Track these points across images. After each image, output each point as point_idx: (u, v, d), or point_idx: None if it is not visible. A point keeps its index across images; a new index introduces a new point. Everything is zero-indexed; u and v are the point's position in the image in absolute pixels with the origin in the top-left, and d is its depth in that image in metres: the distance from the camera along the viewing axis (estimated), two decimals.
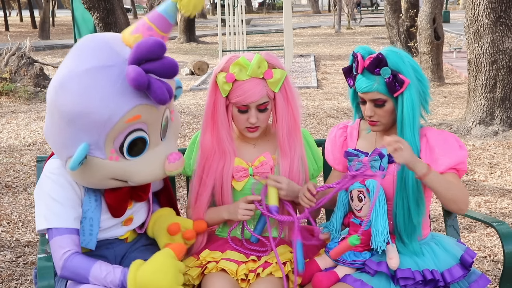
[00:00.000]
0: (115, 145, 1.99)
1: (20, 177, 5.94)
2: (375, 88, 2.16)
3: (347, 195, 2.24)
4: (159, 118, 2.06)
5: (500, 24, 6.92)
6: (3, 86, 10.31)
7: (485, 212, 4.72)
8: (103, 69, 1.94)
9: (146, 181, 2.10)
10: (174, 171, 2.09)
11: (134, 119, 1.96)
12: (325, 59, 16.27)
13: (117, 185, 2.10)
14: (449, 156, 2.16)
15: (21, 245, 4.30)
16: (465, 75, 10.21)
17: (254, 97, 2.24)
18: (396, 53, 2.17)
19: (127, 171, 2.04)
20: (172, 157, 2.08)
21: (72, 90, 1.93)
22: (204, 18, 39.24)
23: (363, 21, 32.09)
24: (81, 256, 2.07)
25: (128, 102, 1.93)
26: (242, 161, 2.35)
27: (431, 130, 2.23)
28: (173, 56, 17.81)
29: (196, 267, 2.27)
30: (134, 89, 1.90)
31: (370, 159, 2.22)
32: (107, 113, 1.91)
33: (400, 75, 2.13)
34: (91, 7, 6.76)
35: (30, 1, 32.39)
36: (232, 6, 12.66)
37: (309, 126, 8.01)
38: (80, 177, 2.07)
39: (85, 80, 1.93)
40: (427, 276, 2.11)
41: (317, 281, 2.16)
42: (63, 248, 2.06)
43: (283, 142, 2.32)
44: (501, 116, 7.08)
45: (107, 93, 1.91)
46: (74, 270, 2.04)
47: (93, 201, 2.15)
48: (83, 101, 1.92)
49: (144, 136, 2.02)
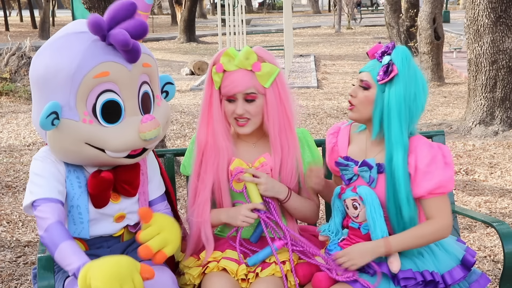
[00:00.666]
0: (87, 107, 2.02)
1: (20, 177, 5.94)
2: (369, 69, 2.17)
3: (341, 202, 2.24)
4: (133, 83, 2.07)
5: (500, 24, 6.92)
6: (3, 86, 10.32)
7: (485, 212, 4.72)
8: (75, 34, 2.07)
9: (122, 147, 2.07)
10: (148, 131, 2.05)
11: (102, 75, 1.99)
12: (325, 59, 16.26)
13: (94, 155, 2.07)
14: (430, 178, 2.11)
15: (21, 245, 4.30)
16: (465, 75, 10.21)
17: (240, 87, 2.23)
18: (405, 52, 2.15)
19: (101, 136, 2.04)
20: (144, 118, 2.07)
21: (45, 55, 2.06)
22: (204, 18, 39.24)
23: (363, 21, 32.07)
24: (61, 228, 2.01)
25: (96, 58, 2.00)
26: (242, 161, 2.33)
27: (421, 145, 2.15)
28: (173, 56, 17.88)
29: (196, 267, 2.26)
30: (92, 33, 1.99)
31: (360, 170, 2.21)
32: (74, 68, 1.98)
33: (394, 66, 2.11)
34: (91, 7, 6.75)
35: (30, 1, 32.39)
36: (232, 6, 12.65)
37: (309, 126, 8.02)
38: (56, 142, 2.07)
39: (58, 44, 2.07)
40: (427, 277, 2.11)
41: (317, 281, 2.17)
42: (49, 213, 2.03)
43: (274, 139, 2.30)
44: (501, 116, 7.09)
45: (76, 51, 2.00)
46: (50, 240, 2.00)
47: (77, 187, 2.14)
48: (54, 61, 2.01)
49: (116, 99, 2.04)
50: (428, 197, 2.13)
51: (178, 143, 7.08)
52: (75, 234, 2.15)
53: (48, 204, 2.05)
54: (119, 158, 2.10)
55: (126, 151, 2.09)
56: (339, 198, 2.24)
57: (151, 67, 2.15)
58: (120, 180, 2.17)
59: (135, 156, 2.14)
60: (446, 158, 2.15)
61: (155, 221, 2.09)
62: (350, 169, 2.24)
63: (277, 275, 2.22)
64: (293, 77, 12.76)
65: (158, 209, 2.37)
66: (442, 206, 2.15)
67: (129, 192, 2.21)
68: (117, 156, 2.09)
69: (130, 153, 2.11)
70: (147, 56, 2.13)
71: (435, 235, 2.16)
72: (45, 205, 2.05)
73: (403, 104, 2.11)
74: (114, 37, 1.97)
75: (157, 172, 2.38)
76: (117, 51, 2.02)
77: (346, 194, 2.20)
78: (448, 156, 2.16)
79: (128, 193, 2.21)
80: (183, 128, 7.79)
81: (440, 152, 2.15)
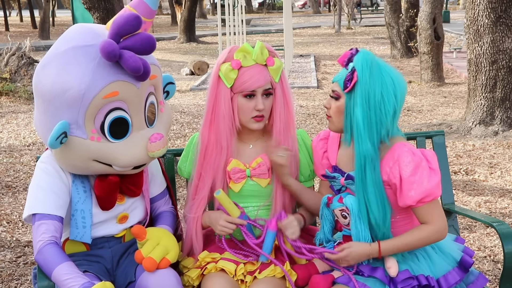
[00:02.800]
0: (95, 125, 2.01)
1: (20, 177, 5.94)
2: (338, 79, 2.15)
3: (330, 211, 2.23)
4: (140, 99, 2.07)
5: (500, 24, 6.92)
6: (3, 86, 10.31)
7: (485, 212, 4.72)
8: (82, 48, 2.00)
9: (130, 164, 2.08)
10: (156, 151, 2.08)
11: (111, 95, 1.98)
12: (325, 59, 16.27)
13: (101, 170, 2.09)
14: (416, 187, 2.07)
15: (21, 245, 4.30)
16: (465, 75, 10.21)
17: (261, 82, 2.24)
18: (367, 55, 2.09)
19: (109, 153, 2.04)
20: (153, 137, 2.08)
21: (52, 70, 2.00)
22: (204, 18, 39.23)
23: (363, 21, 32.07)
24: (57, 248, 2.03)
25: (105, 78, 1.96)
26: (239, 162, 2.33)
27: (404, 154, 2.08)
28: (173, 56, 17.87)
29: (195, 268, 2.26)
30: (106, 59, 1.94)
31: (346, 182, 2.20)
32: (83, 88, 1.94)
33: (355, 72, 2.07)
34: (91, 7, 6.75)
35: (30, 1, 32.38)
36: (232, 6, 12.64)
37: (309, 126, 8.01)
38: (63, 158, 2.07)
39: (65, 58, 2.00)
40: (421, 282, 2.11)
41: (314, 283, 2.17)
42: (43, 232, 2.05)
43: (279, 134, 2.31)
44: (501, 116, 7.08)
45: (84, 69, 1.96)
46: (45, 259, 2.02)
47: (82, 192, 2.14)
48: (62, 78, 1.97)
49: (124, 116, 2.03)
50: (417, 205, 2.11)
51: (178, 143, 7.08)
52: (77, 238, 2.15)
53: (44, 222, 2.06)
54: (125, 171, 2.13)
55: (133, 166, 2.12)
56: (327, 207, 2.23)
57: (157, 78, 2.14)
58: (125, 181, 2.18)
59: (140, 167, 2.16)
60: (431, 164, 2.11)
61: (151, 235, 2.12)
62: (338, 181, 2.24)
63: (277, 276, 2.22)
64: (293, 77, 12.76)
65: (159, 205, 2.40)
66: (433, 211, 2.12)
67: (134, 193, 2.23)
68: (123, 170, 2.11)
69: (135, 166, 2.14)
70: (154, 67, 2.11)
71: (429, 239, 2.15)
72: (42, 222, 2.06)
73: (367, 110, 2.06)
74: (125, 64, 1.94)
75: (159, 170, 2.40)
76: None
77: (333, 204, 2.20)
78: (432, 161, 2.11)
79: (133, 194, 2.23)
80: (183, 128, 7.79)
81: (424, 158, 2.10)
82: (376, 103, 2.06)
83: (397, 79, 2.10)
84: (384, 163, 2.11)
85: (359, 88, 2.06)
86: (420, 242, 2.14)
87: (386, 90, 2.07)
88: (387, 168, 2.10)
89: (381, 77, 2.07)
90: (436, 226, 2.13)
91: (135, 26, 1.96)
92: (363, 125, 2.06)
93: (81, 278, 1.96)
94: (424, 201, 2.09)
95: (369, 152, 2.07)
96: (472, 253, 2.28)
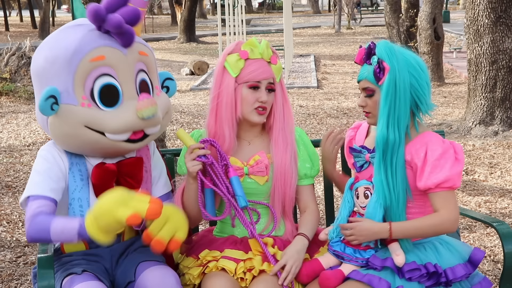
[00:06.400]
0: (85, 91, 2.08)
1: (20, 177, 5.94)
2: (365, 76, 2.22)
3: (352, 194, 2.25)
4: (129, 67, 2.13)
5: (500, 24, 6.92)
6: (3, 86, 10.31)
7: (485, 212, 4.72)
8: (73, 26, 2.17)
9: (121, 128, 2.09)
10: (144, 109, 2.08)
11: (98, 59, 2.06)
12: (325, 59, 16.27)
13: (94, 139, 2.09)
14: (439, 171, 2.13)
15: (21, 245, 4.30)
16: (465, 75, 10.21)
17: (267, 74, 2.30)
18: (386, 44, 2.19)
19: (100, 119, 2.07)
20: (141, 96, 2.12)
21: (44, 48, 2.15)
22: (204, 18, 39.24)
23: (363, 21, 32.08)
24: (44, 214, 2.03)
25: (91, 43, 2.08)
26: (237, 160, 2.35)
27: (434, 140, 2.18)
28: (173, 56, 17.88)
29: (196, 267, 2.27)
30: (92, 21, 2.09)
31: (371, 156, 2.26)
32: (70, 53, 2.05)
33: (383, 63, 2.15)
34: None
35: (30, 1, 32.38)
36: (232, 6, 12.65)
37: (309, 126, 8.01)
38: (57, 130, 2.11)
39: (56, 36, 2.16)
40: (429, 269, 2.12)
41: (324, 279, 2.16)
42: (34, 209, 2.05)
43: (277, 134, 2.34)
44: (501, 116, 7.08)
45: (72, 39, 2.09)
46: (36, 228, 2.02)
47: (79, 179, 2.16)
48: (52, 52, 2.09)
49: (113, 82, 2.10)
50: (435, 190, 2.15)
51: (178, 143, 7.08)
52: None
53: (37, 201, 2.07)
54: (119, 142, 2.12)
55: (126, 133, 2.11)
56: (350, 189, 2.26)
57: (147, 56, 2.21)
58: (123, 173, 2.19)
59: (135, 141, 2.15)
60: (458, 154, 2.18)
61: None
62: (363, 155, 2.29)
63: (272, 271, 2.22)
64: (293, 77, 12.76)
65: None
66: (448, 200, 2.16)
67: (132, 185, 2.21)
68: (117, 139, 2.11)
69: (131, 138, 2.13)
70: (143, 46, 2.21)
71: (440, 227, 2.17)
72: (34, 201, 2.07)
73: (406, 88, 2.15)
74: (108, 21, 2.06)
75: (164, 171, 2.40)
76: (112, 38, 2.10)
77: (360, 182, 2.23)
78: (459, 152, 2.19)
79: (131, 186, 2.20)
80: (183, 128, 7.80)
81: (452, 147, 2.18)
82: (407, 83, 2.15)
83: (414, 56, 2.21)
84: (411, 145, 2.18)
85: (391, 76, 2.14)
86: (430, 229, 2.17)
87: (413, 68, 2.17)
88: (413, 150, 2.17)
89: (404, 58, 2.17)
90: (449, 215, 2.15)
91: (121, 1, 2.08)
92: (396, 107, 2.14)
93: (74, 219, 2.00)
94: (443, 186, 2.13)
95: (396, 136, 2.15)
96: (483, 253, 2.27)
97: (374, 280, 2.09)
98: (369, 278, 2.10)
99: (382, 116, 2.16)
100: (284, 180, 2.34)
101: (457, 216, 2.18)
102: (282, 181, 2.33)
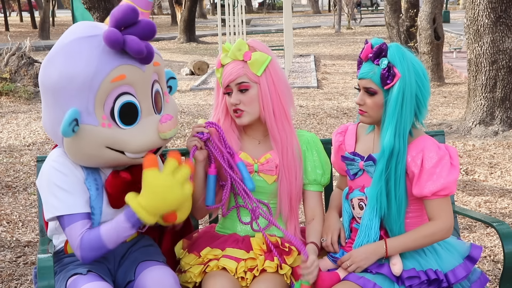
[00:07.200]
0: (105, 111, 2.03)
1: (20, 177, 5.94)
2: (370, 76, 2.17)
3: (348, 203, 2.25)
4: (147, 84, 2.10)
5: (500, 24, 6.92)
6: (3, 86, 10.31)
7: (485, 212, 4.72)
8: (86, 38, 2.06)
9: (142, 148, 2.09)
10: (168, 131, 2.09)
11: (119, 79, 2.01)
12: (325, 59, 16.27)
13: (114, 158, 2.09)
14: (436, 179, 2.13)
15: (21, 245, 4.30)
16: (465, 75, 10.21)
17: (231, 77, 2.29)
18: (399, 49, 2.16)
19: (120, 139, 2.05)
20: (163, 118, 2.11)
21: (57, 61, 2.05)
22: (204, 18, 39.24)
23: (363, 21, 32.08)
24: (88, 231, 2.09)
25: (111, 62, 2.01)
26: (248, 156, 2.36)
27: (429, 146, 2.17)
28: (173, 56, 17.89)
29: (198, 265, 2.27)
30: (110, 48, 1.99)
31: (365, 164, 2.23)
32: (91, 73, 1.99)
33: (394, 69, 2.12)
34: (91, 7, 6.75)
35: (30, 2, 32.38)
36: (232, 6, 12.65)
37: (309, 126, 8.02)
38: (76, 149, 2.07)
39: (69, 49, 2.05)
40: (430, 276, 2.12)
41: (320, 281, 2.17)
42: (77, 234, 2.08)
43: (272, 128, 2.33)
44: (501, 116, 7.09)
45: (90, 56, 2.01)
46: (89, 246, 2.07)
47: (94, 189, 2.15)
48: (68, 68, 2.01)
49: (133, 101, 2.06)
50: (431, 198, 2.14)
51: (178, 143, 7.08)
52: None
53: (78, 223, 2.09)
54: (137, 159, 2.12)
55: (146, 152, 2.12)
56: (346, 199, 2.25)
57: (160, 66, 2.19)
58: (136, 181, 2.18)
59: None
60: (453, 160, 2.16)
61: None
62: (356, 163, 2.26)
63: (280, 271, 2.23)
64: (293, 77, 12.76)
65: None
66: (444, 207, 2.16)
67: None
68: (136, 157, 2.11)
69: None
70: (156, 55, 2.16)
71: (436, 236, 2.17)
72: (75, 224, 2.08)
73: (412, 98, 2.14)
74: (129, 47, 1.99)
75: None
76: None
77: (353, 193, 2.23)
78: (455, 158, 2.17)
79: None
80: (183, 128, 7.78)
81: (448, 153, 2.17)
82: (414, 93, 2.14)
83: (419, 64, 2.19)
84: (407, 151, 2.17)
85: (401, 84, 2.12)
86: (426, 239, 2.16)
87: (419, 78, 2.15)
88: (409, 157, 2.16)
89: (413, 67, 2.15)
90: (444, 223, 2.16)
91: (132, 17, 2.01)
92: (403, 116, 2.13)
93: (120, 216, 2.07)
94: (439, 194, 2.13)
95: (401, 145, 2.13)
96: (480, 248, 2.29)
97: (369, 284, 2.10)
98: (364, 281, 2.11)
99: (389, 125, 2.13)
100: (288, 173, 2.33)
101: (452, 223, 2.18)
102: (286, 173, 2.33)
